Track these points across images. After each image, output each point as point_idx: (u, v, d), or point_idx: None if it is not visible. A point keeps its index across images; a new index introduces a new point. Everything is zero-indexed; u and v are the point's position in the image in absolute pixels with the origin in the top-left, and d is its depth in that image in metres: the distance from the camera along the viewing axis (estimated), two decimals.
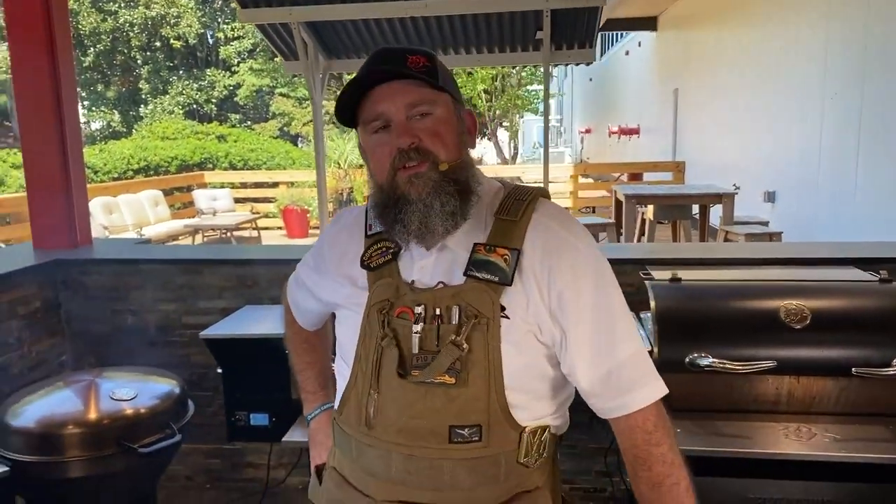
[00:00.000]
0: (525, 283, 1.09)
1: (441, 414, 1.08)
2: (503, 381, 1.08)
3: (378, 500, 1.13)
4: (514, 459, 1.10)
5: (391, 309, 1.11)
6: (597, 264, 1.12)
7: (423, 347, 1.08)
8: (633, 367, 1.10)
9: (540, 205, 1.16)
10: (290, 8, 4.05)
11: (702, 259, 2.74)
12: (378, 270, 1.16)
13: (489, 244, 1.10)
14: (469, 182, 1.12)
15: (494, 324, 1.07)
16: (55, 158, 3.09)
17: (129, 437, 1.93)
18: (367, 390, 1.12)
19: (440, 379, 1.06)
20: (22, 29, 3.03)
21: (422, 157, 1.08)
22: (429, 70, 1.10)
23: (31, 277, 2.87)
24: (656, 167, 11.00)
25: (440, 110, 1.11)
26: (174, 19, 21.84)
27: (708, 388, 2.02)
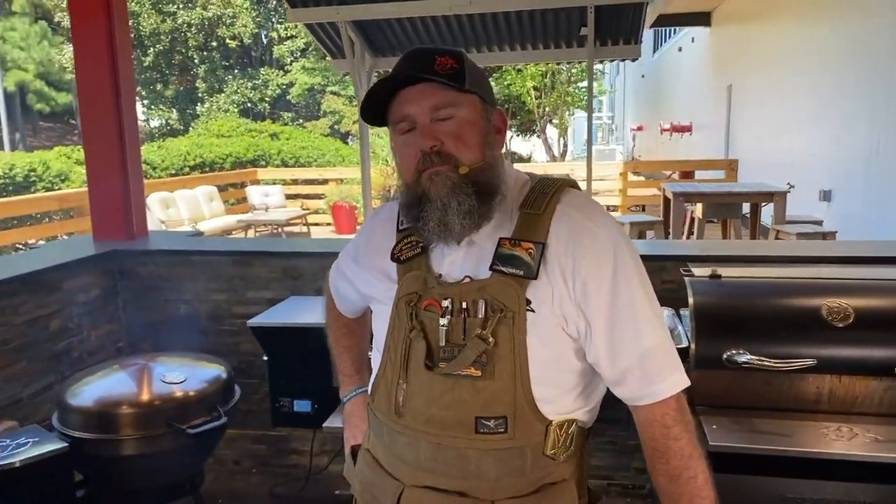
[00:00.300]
0: (550, 275, 1.10)
1: (467, 405, 1.10)
2: (529, 374, 1.09)
3: (407, 484, 1.17)
4: (541, 452, 1.12)
5: (419, 301, 1.15)
6: (618, 252, 1.11)
7: (449, 340, 1.11)
8: (656, 357, 1.11)
9: (564, 195, 1.16)
10: (338, 7, 4.14)
11: (745, 256, 2.71)
12: (407, 263, 1.19)
13: (514, 238, 1.12)
14: (492, 183, 1.13)
15: (520, 318, 1.09)
16: (114, 155, 3.23)
17: (178, 419, 2.02)
18: (395, 380, 1.16)
19: (466, 371, 1.09)
20: (85, 33, 3.18)
21: (443, 160, 1.11)
22: (455, 72, 1.11)
23: (91, 267, 3.02)
24: (708, 165, 10.78)
25: (464, 112, 1.12)
26: (230, 19, 22.35)
27: (746, 385, 2.01)
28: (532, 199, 1.15)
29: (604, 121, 36.53)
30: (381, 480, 1.22)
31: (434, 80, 1.10)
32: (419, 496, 1.15)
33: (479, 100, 1.15)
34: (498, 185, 1.14)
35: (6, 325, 2.54)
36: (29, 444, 1.94)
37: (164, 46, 22.51)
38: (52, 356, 2.75)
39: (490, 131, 1.17)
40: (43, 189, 9.56)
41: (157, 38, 22.26)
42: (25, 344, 2.61)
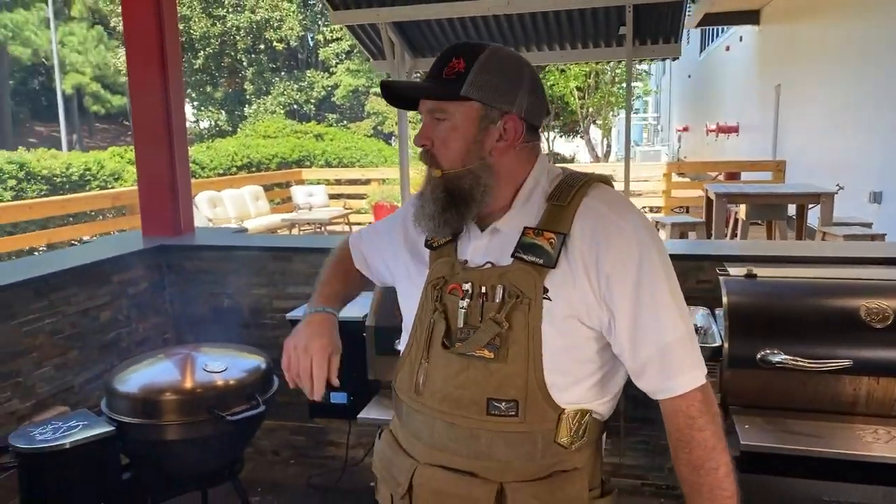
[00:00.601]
0: (572, 266, 1.13)
1: (480, 386, 1.14)
2: (542, 360, 1.13)
3: (421, 462, 1.22)
4: (552, 439, 1.15)
5: (445, 285, 1.20)
6: (644, 247, 1.13)
7: (467, 322, 1.16)
8: (676, 352, 1.12)
9: (592, 189, 1.19)
10: (378, 9, 4.22)
11: (783, 256, 2.67)
12: (439, 249, 1.25)
13: (538, 228, 1.16)
14: (467, 190, 1.17)
15: (536, 304, 1.12)
16: (163, 155, 3.36)
17: (218, 406, 2.10)
18: (418, 359, 1.21)
19: (479, 353, 1.13)
20: (137, 39, 3.31)
21: (430, 159, 1.20)
22: (458, 76, 1.15)
23: (140, 261, 3.14)
24: (754, 166, 10.56)
25: (457, 118, 1.17)
26: (277, 23, 22.79)
27: (781, 385, 1.99)
28: (559, 191, 1.19)
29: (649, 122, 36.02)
30: (398, 459, 1.27)
31: (424, 90, 1.21)
32: (431, 474, 1.20)
33: (478, 106, 1.16)
34: (476, 194, 1.17)
35: (59, 316, 2.66)
36: (79, 427, 2.04)
37: (214, 49, 23.09)
38: (102, 346, 2.87)
39: (483, 138, 1.17)
40: (97, 187, 9.92)
41: (207, 42, 22.83)
42: (77, 334, 2.73)
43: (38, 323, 2.57)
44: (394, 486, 1.26)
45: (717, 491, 1.12)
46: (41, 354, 2.58)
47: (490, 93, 1.16)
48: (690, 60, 22.45)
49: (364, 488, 2.91)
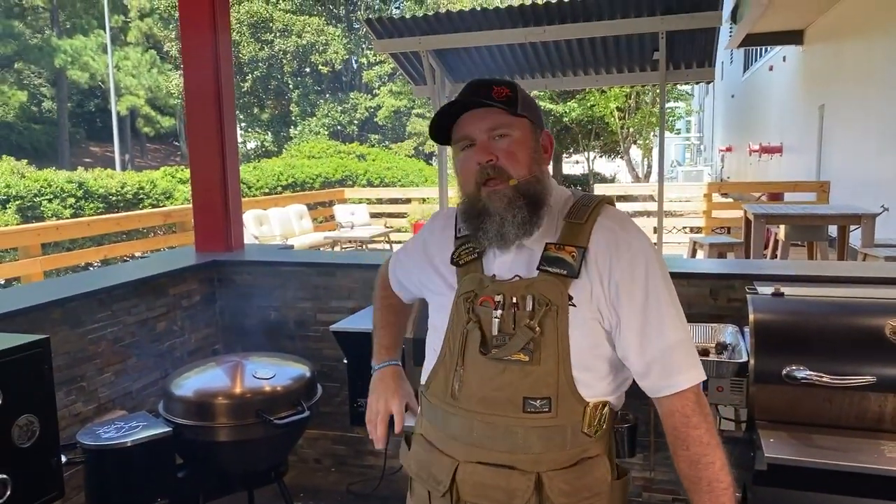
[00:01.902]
0: (590, 275, 1.27)
1: (516, 387, 1.27)
2: (570, 360, 1.26)
3: (461, 460, 1.33)
4: (579, 429, 1.28)
5: (475, 298, 1.32)
6: (649, 261, 1.29)
7: (501, 330, 1.28)
8: (676, 354, 1.26)
9: (604, 209, 1.35)
10: (420, 38, 4.40)
11: (813, 276, 2.71)
12: (465, 266, 1.37)
13: (559, 243, 1.30)
14: (539, 195, 1.32)
15: (563, 311, 1.25)
16: (216, 175, 3.56)
17: (266, 410, 2.24)
18: (454, 366, 1.33)
19: (516, 357, 1.26)
20: (194, 64, 3.53)
21: (497, 172, 1.30)
22: (509, 99, 1.31)
23: (193, 275, 3.32)
24: (797, 187, 10.42)
25: (517, 133, 1.32)
26: (322, 47, 23.33)
27: (806, 401, 2.03)
28: (576, 210, 1.34)
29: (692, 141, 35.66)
30: (437, 459, 1.38)
31: (492, 105, 1.29)
32: (472, 470, 1.31)
33: (529, 123, 1.34)
34: (545, 196, 1.33)
35: (120, 325, 2.85)
36: (139, 427, 2.21)
37: (262, 73, 23.74)
38: (158, 355, 3.05)
39: (538, 150, 1.36)
40: (150, 205, 10.31)
41: (255, 65, 23.49)
42: (135, 343, 2.92)
43: (102, 332, 2.76)
44: (433, 484, 1.37)
45: (714, 483, 1.22)
46: (103, 361, 2.76)
47: (533, 112, 1.35)
48: (734, 80, 22.27)
49: (400, 496, 2.98)
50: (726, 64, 23.61)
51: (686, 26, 3.89)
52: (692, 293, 2.84)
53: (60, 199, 8.90)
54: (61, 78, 29.37)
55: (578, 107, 18.15)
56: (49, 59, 28.25)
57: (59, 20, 30.45)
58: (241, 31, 22.64)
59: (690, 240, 6.82)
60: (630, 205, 11.75)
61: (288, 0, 23.72)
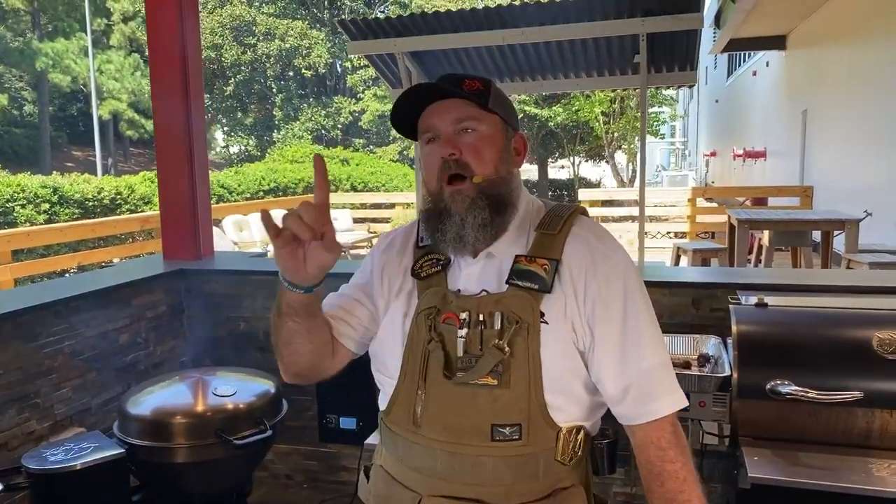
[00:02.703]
0: (564, 290, 1.17)
1: (484, 413, 1.16)
2: (542, 382, 1.15)
3: (424, 494, 1.21)
4: (552, 457, 1.17)
5: (438, 315, 1.20)
6: (628, 276, 1.19)
7: (467, 350, 1.17)
8: (654, 378, 1.16)
9: (578, 220, 1.25)
10: (395, 39, 4.30)
11: (797, 285, 2.63)
12: (427, 280, 1.26)
13: (530, 255, 1.20)
14: (504, 196, 1.22)
15: (534, 329, 1.15)
16: (184, 180, 3.43)
17: (226, 430, 2.13)
18: (414, 390, 1.21)
19: (483, 380, 1.15)
20: (162, 65, 3.41)
21: (460, 168, 1.19)
22: (480, 93, 1.21)
23: (159, 285, 3.20)
24: (781, 192, 10.44)
25: (485, 128, 1.22)
26: (306, 50, 23.23)
27: (791, 417, 1.96)
28: (548, 220, 1.24)
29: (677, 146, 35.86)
30: (398, 493, 1.26)
31: (460, 96, 1.20)
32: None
33: (500, 120, 1.24)
34: (510, 199, 1.23)
35: (79, 338, 2.72)
36: (90, 448, 2.09)
37: (245, 76, 23.60)
38: (121, 368, 2.92)
39: (508, 150, 1.26)
40: (128, 211, 10.14)
41: (238, 69, 23.35)
42: (95, 356, 2.79)
43: (58, 345, 2.63)
44: None
45: None
46: (60, 376, 2.63)
47: (506, 111, 1.26)
48: (718, 85, 22.39)
49: None
50: (710, 69, 23.74)
51: (667, 28, 3.82)
52: (674, 302, 2.76)
53: (34, 205, 8.72)
54: (42, 81, 29.00)
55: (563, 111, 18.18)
56: (30, 62, 27.87)
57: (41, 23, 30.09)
58: (223, 34, 22.50)
59: (674, 245, 6.76)
60: (614, 209, 11.72)
61: (271, 3, 23.59)
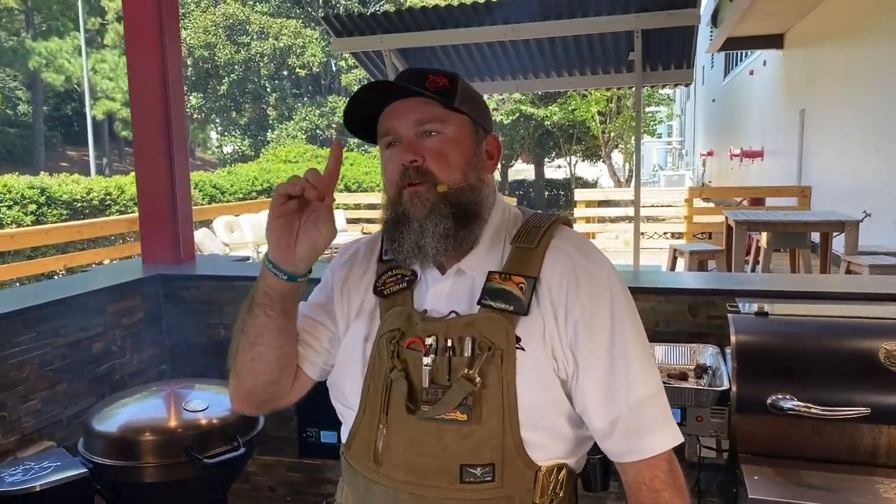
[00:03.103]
0: (542, 312, 1.05)
1: (452, 452, 1.03)
2: (518, 417, 1.02)
3: None
4: (530, 500, 1.05)
5: (402, 339, 1.08)
6: (615, 296, 1.07)
7: (434, 381, 1.04)
8: (645, 411, 1.04)
9: (558, 231, 1.12)
10: (382, 36, 4.18)
11: (799, 292, 2.54)
12: (391, 298, 1.13)
13: (505, 272, 1.07)
14: (472, 205, 1.09)
15: (509, 356, 1.02)
16: (164, 181, 3.32)
17: (196, 447, 2.01)
18: (375, 424, 1.08)
19: (451, 415, 1.02)
20: (139, 64, 3.29)
21: (422, 176, 1.07)
22: (446, 90, 1.08)
23: (136, 290, 3.08)
24: (779, 192, 10.35)
25: (451, 130, 1.09)
26: (300, 49, 23.10)
27: (793, 433, 1.87)
28: (525, 232, 1.11)
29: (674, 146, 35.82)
30: None
31: (423, 94, 1.07)
32: None
33: (468, 121, 1.12)
34: (479, 210, 1.10)
35: (48, 347, 2.60)
36: (52, 468, 1.97)
37: (238, 76, 23.45)
38: (94, 378, 2.80)
39: (478, 154, 1.13)
40: (117, 212, 10.01)
41: (232, 68, 23.20)
42: (67, 366, 2.67)
43: (26, 355, 2.51)
44: None
45: None
46: (27, 387, 2.51)
47: (476, 110, 1.13)
48: (714, 84, 22.34)
49: None
50: (707, 68, 23.68)
51: (662, 24, 3.70)
52: (670, 310, 2.65)
53: (21, 206, 8.58)
54: (36, 81, 28.84)
55: (560, 110, 18.10)
56: (23, 61, 27.71)
57: (35, 22, 29.91)
58: (217, 33, 22.36)
59: (671, 247, 6.66)
60: (611, 210, 11.63)
61: (265, 2, 23.46)
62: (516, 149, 22.44)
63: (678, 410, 2.12)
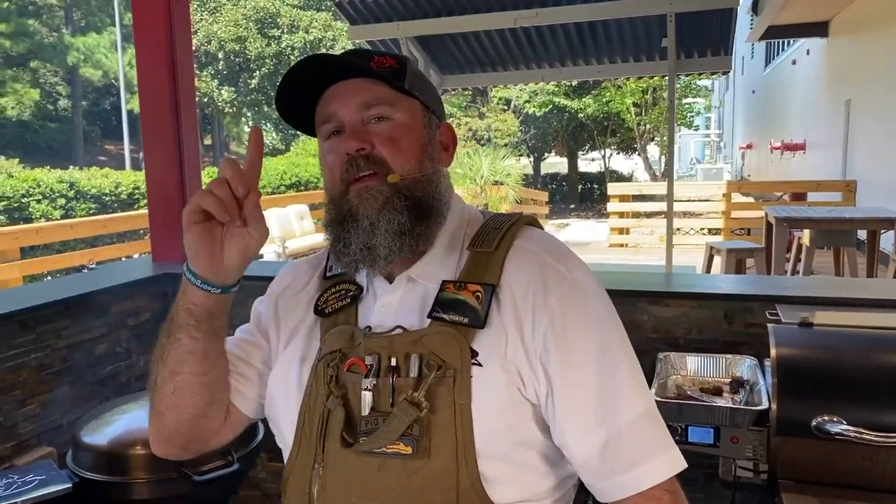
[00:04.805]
0: (504, 323, 0.89)
1: (395, 494, 0.87)
2: (474, 448, 0.86)
3: None
4: None
5: (342, 361, 0.93)
6: (592, 300, 0.91)
7: (375, 408, 0.89)
8: (640, 433, 0.87)
9: (522, 231, 0.97)
10: (398, 23, 4.03)
11: (847, 299, 2.31)
12: (333, 317, 0.99)
13: (459, 281, 0.92)
14: (429, 198, 0.94)
15: (463, 376, 0.87)
16: (173, 178, 3.22)
17: (188, 463, 1.88)
18: (310, 463, 0.92)
19: (393, 448, 0.86)
20: (148, 56, 3.18)
21: (372, 166, 0.92)
22: (394, 71, 0.94)
23: (142, 290, 2.98)
24: (821, 186, 9.96)
25: (402, 115, 0.95)
26: (330, 42, 23.13)
27: (841, 459, 1.67)
28: (483, 235, 0.96)
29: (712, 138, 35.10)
30: None
31: (368, 74, 0.93)
32: None
33: (420, 106, 0.98)
34: (437, 204, 0.96)
35: (48, 350, 2.51)
36: (35, 482, 1.86)
37: (269, 69, 23.55)
38: (97, 381, 2.71)
39: (433, 145, 1.00)
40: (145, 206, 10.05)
41: (262, 62, 23.31)
42: (67, 369, 2.58)
43: (23, 358, 2.42)
44: None
45: None
46: (25, 392, 2.42)
47: (427, 95, 0.99)
48: (755, 75, 21.76)
49: None
50: (747, 58, 23.07)
51: (698, 7, 3.45)
52: (704, 316, 2.45)
53: (50, 200, 8.65)
54: (75, 76, 29.42)
55: (594, 102, 17.81)
56: (63, 56, 28.28)
57: (74, 18, 30.50)
58: (248, 26, 22.48)
59: (707, 244, 6.40)
60: (645, 204, 11.34)
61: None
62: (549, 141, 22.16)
63: (711, 430, 1.94)
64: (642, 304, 2.45)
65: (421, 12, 4.09)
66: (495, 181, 11.66)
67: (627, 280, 2.99)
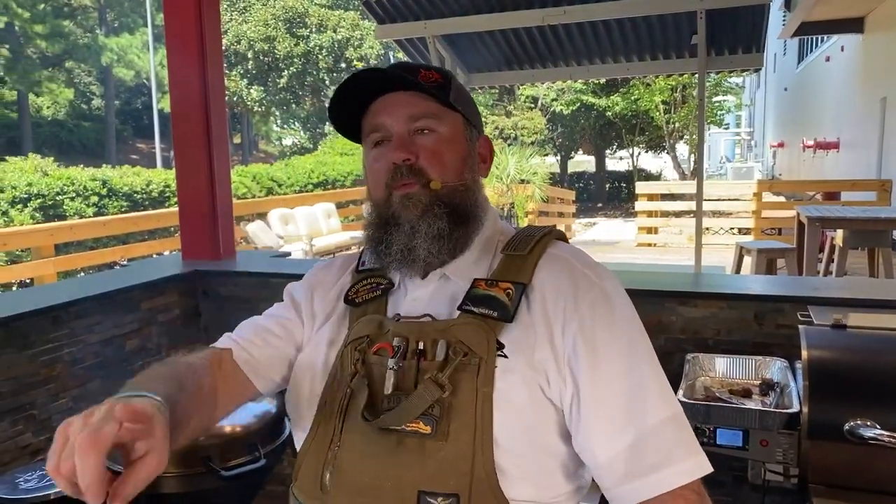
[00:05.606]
0: (534, 321, 0.91)
1: (410, 474, 0.87)
2: (493, 437, 0.86)
3: None
4: None
5: (369, 346, 0.95)
6: (622, 307, 0.94)
7: (398, 387, 0.90)
8: (666, 435, 0.87)
9: (554, 242, 1.01)
10: (426, 22, 4.03)
11: (882, 300, 2.26)
12: (363, 307, 1.02)
13: (491, 279, 0.95)
14: (468, 206, 0.99)
15: (488, 365, 0.88)
16: (203, 176, 3.25)
17: (216, 457, 1.90)
18: (327, 444, 0.94)
19: (412, 426, 0.87)
20: (179, 57, 3.23)
21: (414, 176, 0.96)
22: (440, 85, 0.98)
23: (173, 287, 3.02)
24: (855, 186, 9.75)
25: (446, 129, 1.00)
26: (357, 41, 23.25)
27: (876, 464, 1.64)
28: (516, 241, 1.00)
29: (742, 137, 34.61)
30: None
31: (416, 88, 0.97)
32: None
33: (462, 119, 1.02)
34: (474, 211, 1.00)
35: (81, 345, 2.56)
36: None
37: (298, 69, 23.74)
38: (128, 376, 2.74)
39: (472, 156, 1.06)
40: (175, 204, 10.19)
41: (291, 61, 23.51)
42: (99, 363, 2.63)
43: (57, 353, 2.47)
44: None
45: None
46: (58, 385, 2.47)
47: (469, 109, 1.04)
48: (787, 72, 21.39)
49: None
50: (779, 55, 22.68)
51: (729, 4, 3.40)
52: (733, 317, 2.42)
53: (83, 198, 8.81)
54: (108, 76, 29.94)
55: (622, 100, 17.66)
56: (97, 57, 28.80)
57: (108, 19, 31.03)
58: (276, 26, 22.68)
59: (737, 244, 6.30)
60: (674, 203, 11.21)
61: None
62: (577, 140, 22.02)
63: (740, 433, 1.91)
64: (671, 304, 2.42)
65: (448, 11, 4.10)
66: (521, 180, 11.63)
67: (655, 280, 2.96)
